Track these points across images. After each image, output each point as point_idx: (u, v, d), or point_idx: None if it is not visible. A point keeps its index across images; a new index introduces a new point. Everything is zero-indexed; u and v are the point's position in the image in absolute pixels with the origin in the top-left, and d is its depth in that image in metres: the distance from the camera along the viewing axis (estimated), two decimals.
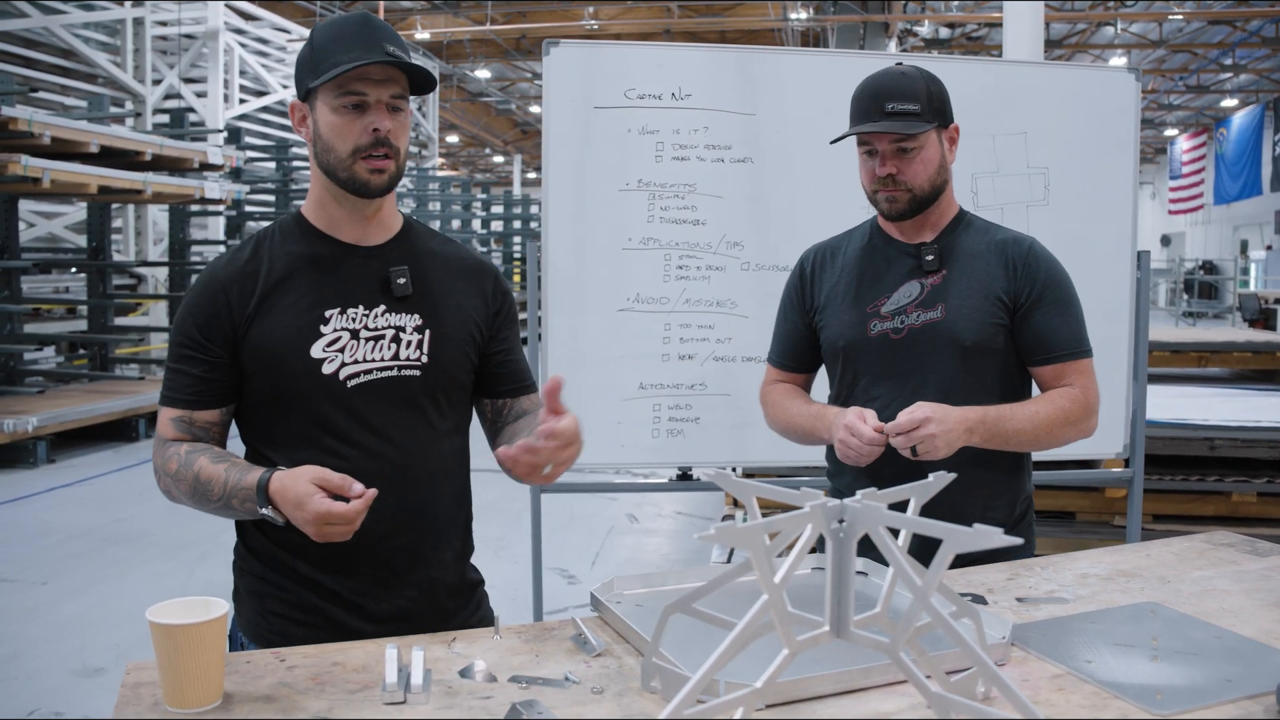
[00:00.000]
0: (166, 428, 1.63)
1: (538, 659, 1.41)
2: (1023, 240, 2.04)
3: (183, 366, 1.62)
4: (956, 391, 1.93)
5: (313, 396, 1.60)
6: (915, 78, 1.98)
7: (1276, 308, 16.93)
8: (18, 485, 6.90)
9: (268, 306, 1.62)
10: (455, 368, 1.70)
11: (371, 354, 1.63)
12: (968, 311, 1.98)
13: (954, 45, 18.31)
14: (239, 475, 1.52)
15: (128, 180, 8.04)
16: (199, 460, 1.56)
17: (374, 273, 1.67)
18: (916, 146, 1.96)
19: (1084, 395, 1.97)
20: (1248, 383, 5.45)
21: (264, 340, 1.60)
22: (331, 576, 1.63)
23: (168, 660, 1.22)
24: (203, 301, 1.63)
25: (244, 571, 1.71)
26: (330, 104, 1.59)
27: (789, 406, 2.16)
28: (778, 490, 1.12)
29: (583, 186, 3.06)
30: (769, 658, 1.10)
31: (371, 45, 1.56)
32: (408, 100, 1.65)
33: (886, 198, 1.99)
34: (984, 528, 0.95)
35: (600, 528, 5.98)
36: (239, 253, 1.68)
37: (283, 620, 1.64)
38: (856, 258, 2.12)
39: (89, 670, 3.87)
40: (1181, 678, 1.34)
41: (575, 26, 16.86)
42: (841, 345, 2.08)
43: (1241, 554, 1.93)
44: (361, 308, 1.64)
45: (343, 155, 1.59)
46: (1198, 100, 24.58)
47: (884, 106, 1.95)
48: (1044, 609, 1.63)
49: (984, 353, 1.98)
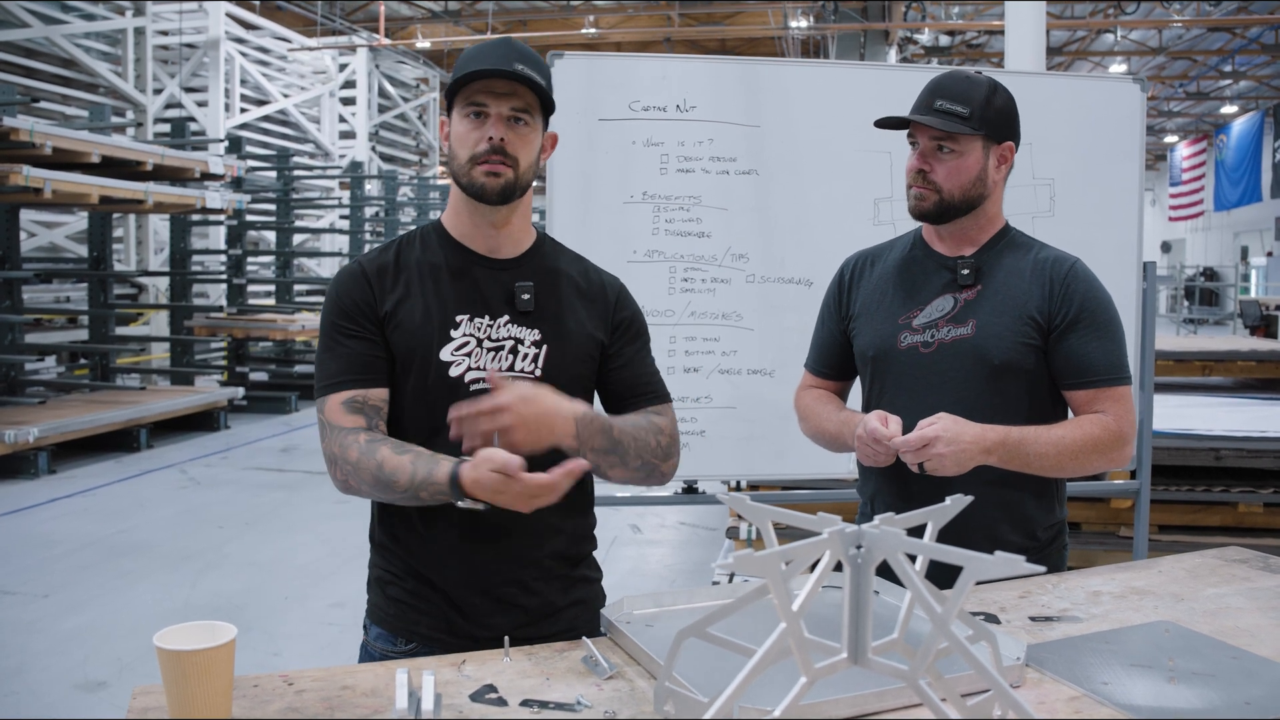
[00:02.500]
0: (338, 414, 1.64)
1: (548, 681, 1.39)
2: (1065, 260, 1.99)
3: (344, 347, 1.67)
4: (981, 410, 1.88)
5: (438, 396, 1.65)
6: (979, 84, 1.95)
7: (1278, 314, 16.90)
8: (19, 496, 6.88)
9: (406, 306, 1.68)
10: (568, 383, 1.72)
11: (490, 363, 1.69)
12: (998, 330, 1.94)
13: (954, 53, 18.34)
14: (426, 469, 1.54)
15: (129, 190, 8.04)
16: (381, 450, 1.58)
17: (502, 285, 1.73)
18: (955, 150, 1.93)
19: (1116, 424, 1.90)
20: (1252, 392, 5.43)
21: (399, 336, 1.67)
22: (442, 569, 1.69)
23: (175, 686, 1.21)
24: (351, 286, 1.70)
25: (374, 562, 1.79)
26: (459, 114, 1.67)
27: (820, 412, 2.15)
28: (794, 515, 1.10)
29: (587, 199, 3.05)
30: (783, 680, 1.08)
31: (500, 60, 1.63)
32: (535, 117, 1.69)
33: (916, 193, 1.97)
34: (1006, 555, 0.94)
35: (603, 538, 5.89)
36: (382, 252, 1.75)
37: (400, 605, 1.72)
38: (895, 267, 2.09)
39: (91, 684, 3.86)
40: (1200, 700, 1.32)
41: (575, 35, 16.86)
42: (871, 355, 2.06)
43: (1254, 570, 1.92)
44: (488, 317, 1.71)
45: (462, 161, 1.67)
46: (1197, 107, 24.61)
47: (934, 102, 1.93)
48: (1058, 628, 1.62)
49: (1013, 372, 1.93)
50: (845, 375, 2.21)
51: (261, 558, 5.53)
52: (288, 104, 15.01)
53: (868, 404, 2.09)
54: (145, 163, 8.12)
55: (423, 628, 1.71)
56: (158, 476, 7.65)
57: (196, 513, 6.56)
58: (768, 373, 3.11)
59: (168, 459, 8.26)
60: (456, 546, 1.68)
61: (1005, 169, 2.01)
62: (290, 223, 12.07)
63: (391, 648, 1.72)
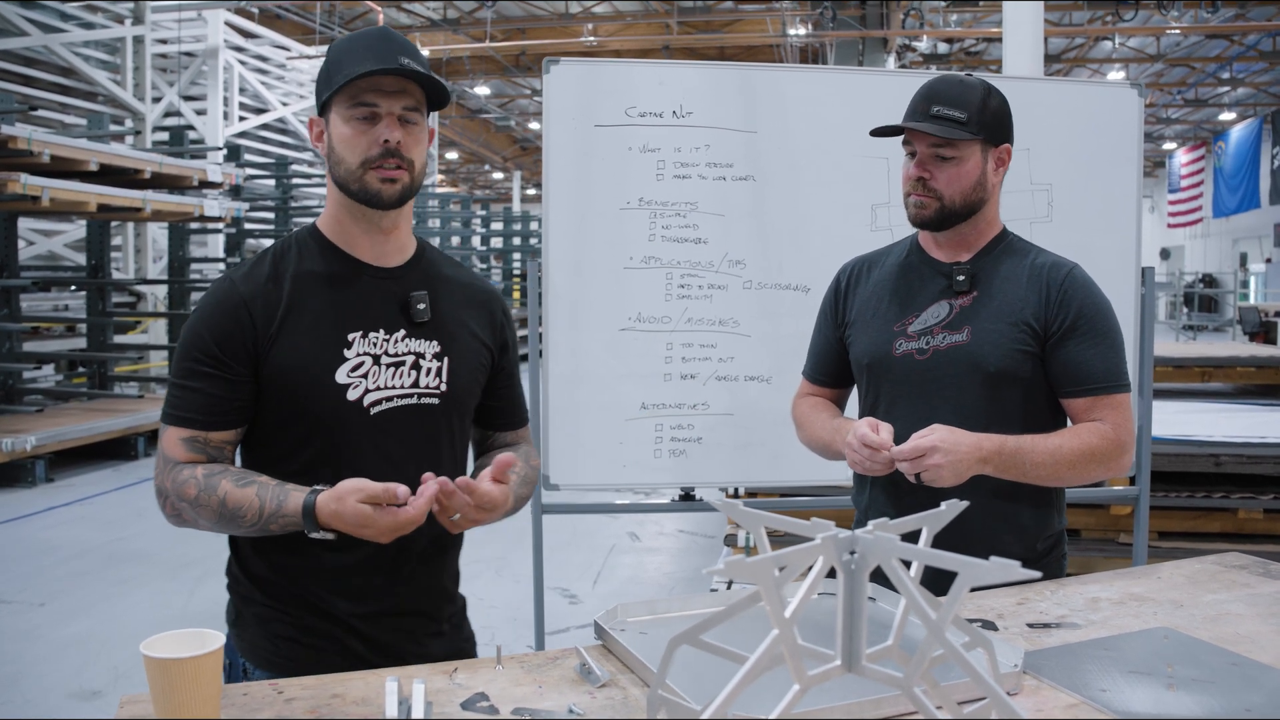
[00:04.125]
0: (176, 448, 1.54)
1: (541, 690, 1.38)
2: (1062, 265, 1.97)
3: (197, 384, 1.54)
4: (977, 418, 1.87)
5: (335, 422, 1.57)
6: (974, 87, 1.93)
7: (1277, 321, 16.90)
8: (16, 504, 6.87)
9: (290, 325, 1.56)
10: (469, 396, 1.70)
11: (392, 380, 1.60)
12: (994, 337, 1.92)
13: (953, 60, 18.35)
14: (276, 500, 1.47)
15: (127, 198, 8.03)
16: (222, 484, 1.49)
17: (393, 296, 1.63)
18: (955, 155, 1.91)
19: (1115, 432, 1.88)
20: (1251, 398, 5.42)
21: (286, 362, 1.55)
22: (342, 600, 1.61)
23: (162, 695, 1.19)
24: (220, 316, 1.56)
25: (246, 598, 1.65)
26: (342, 115, 1.56)
27: (814, 419, 2.13)
28: (788, 521, 1.09)
29: (583, 205, 3.04)
30: (776, 687, 1.07)
31: (385, 56, 1.53)
32: (423, 113, 1.61)
33: (915, 201, 1.95)
34: (1001, 560, 0.93)
35: (602, 546, 5.95)
36: (256, 267, 1.61)
37: (291, 644, 1.61)
38: (891, 273, 2.07)
39: (87, 693, 3.84)
40: (1200, 707, 1.31)
41: (574, 43, 16.89)
42: (866, 362, 2.04)
43: (1254, 576, 1.90)
44: (383, 332, 1.61)
45: (352, 166, 1.56)
46: (1196, 114, 24.63)
47: (930, 108, 1.90)
48: (1056, 635, 1.60)
49: (1008, 380, 1.92)
50: (842, 383, 2.19)
51: None
52: (286, 112, 15.01)
53: (864, 412, 2.08)
54: (144, 171, 8.12)
55: (323, 663, 1.53)
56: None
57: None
58: (765, 379, 3.10)
59: None
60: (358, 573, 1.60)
61: (1003, 171, 1.99)
62: (289, 231, 12.06)
63: None
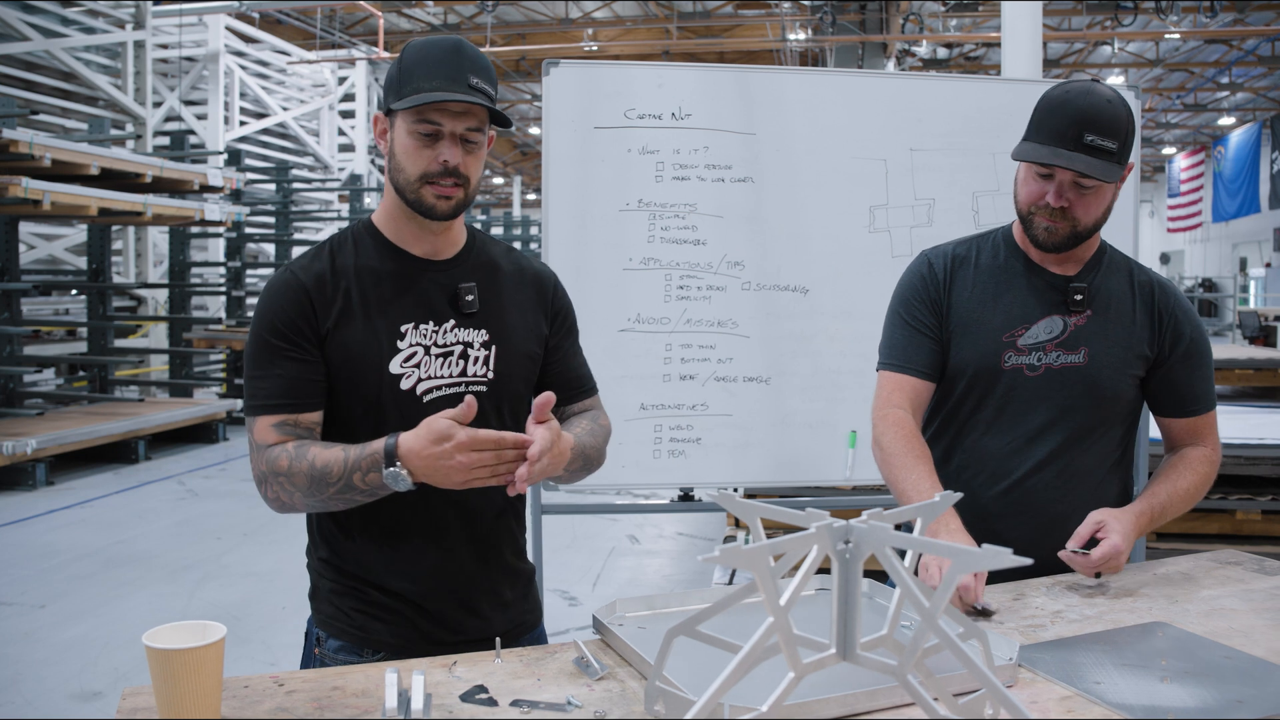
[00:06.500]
0: (268, 434, 1.59)
1: (539, 682, 1.39)
2: (1166, 287, 1.97)
3: (277, 369, 1.59)
4: (1082, 437, 1.92)
5: (389, 410, 1.62)
6: (1120, 108, 1.79)
7: (1277, 325, 16.91)
8: (17, 508, 6.87)
9: (346, 318, 1.62)
10: (519, 382, 1.73)
11: (441, 370, 1.65)
12: (1113, 361, 1.92)
13: (952, 65, 18.39)
14: (358, 450, 1.51)
15: (128, 202, 8.04)
16: (311, 449, 1.54)
17: (443, 288, 1.69)
18: (1096, 185, 1.81)
19: (1214, 454, 1.97)
20: (1249, 400, 5.43)
21: (344, 351, 1.61)
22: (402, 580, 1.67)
23: (164, 686, 1.21)
24: (286, 303, 1.61)
25: (320, 574, 1.73)
26: (407, 127, 1.59)
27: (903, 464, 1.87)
28: (782, 511, 1.10)
29: (583, 207, 3.06)
30: (775, 680, 1.08)
31: (456, 77, 1.56)
32: (484, 131, 1.63)
33: (1047, 227, 1.86)
34: (993, 548, 0.94)
35: (602, 549, 5.95)
36: (315, 260, 1.66)
37: (361, 615, 1.67)
38: (992, 275, 1.98)
39: (87, 694, 3.84)
40: (1192, 699, 1.32)
41: (575, 48, 16.93)
42: (971, 371, 1.95)
43: (1249, 572, 1.92)
44: (432, 324, 1.66)
45: (411, 178, 1.60)
46: (1195, 119, 24.66)
47: (1083, 136, 1.77)
48: (1051, 629, 1.61)
49: (1118, 402, 1.94)
50: (934, 376, 2.00)
51: (259, 569, 5.51)
52: (287, 117, 15.03)
53: (950, 415, 2.01)
54: (144, 175, 8.12)
55: (389, 636, 1.67)
56: (156, 488, 7.64)
57: (194, 524, 6.55)
58: (763, 380, 3.11)
59: (166, 470, 8.25)
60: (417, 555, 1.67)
61: (1121, 185, 1.91)
62: (289, 235, 12.07)
63: (358, 658, 1.67)
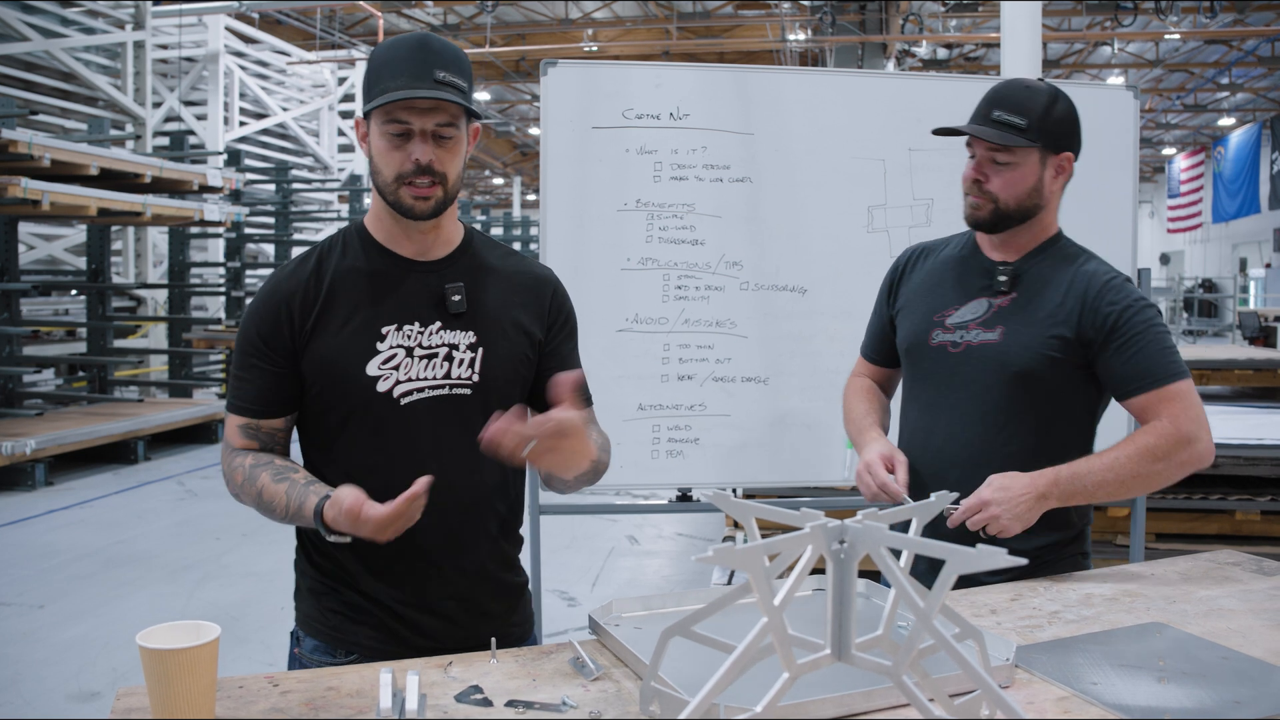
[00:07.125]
0: (234, 434, 1.67)
1: (534, 683, 1.39)
2: (1099, 276, 1.96)
3: (247, 375, 1.65)
4: (996, 417, 1.95)
5: (367, 412, 1.62)
6: (1039, 93, 1.94)
7: (1276, 325, 16.90)
8: (16, 508, 6.87)
9: (326, 321, 1.63)
10: (507, 385, 1.69)
11: (424, 372, 1.63)
12: (1024, 339, 1.95)
13: (952, 66, 18.39)
14: (299, 499, 1.55)
15: (127, 202, 8.04)
16: (261, 477, 1.60)
17: (431, 289, 1.66)
18: (1011, 160, 1.93)
19: (1171, 425, 1.84)
20: (1248, 400, 5.42)
21: (322, 355, 1.62)
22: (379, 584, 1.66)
23: (158, 686, 1.20)
24: (265, 311, 1.64)
25: (302, 572, 1.75)
26: (379, 129, 1.58)
27: (850, 404, 2.20)
28: (777, 511, 1.10)
29: (581, 207, 3.05)
30: (770, 681, 1.08)
31: (421, 73, 1.53)
32: (459, 125, 1.59)
33: (971, 202, 2.00)
34: (988, 548, 0.94)
35: (601, 549, 5.95)
36: (303, 264, 1.67)
37: (338, 617, 1.68)
38: (945, 264, 2.12)
39: (85, 694, 3.84)
40: (1189, 699, 1.32)
41: (574, 49, 16.91)
42: (905, 347, 2.11)
43: (1247, 573, 1.91)
44: (418, 325, 1.64)
45: (388, 180, 1.59)
46: (1195, 119, 24.65)
47: (992, 112, 1.93)
48: (1048, 630, 1.61)
49: (1032, 382, 1.94)
50: (893, 363, 2.22)
51: (259, 569, 5.51)
52: (287, 117, 15.03)
53: (903, 393, 2.16)
54: (144, 175, 8.12)
55: (363, 638, 1.67)
56: (155, 488, 7.64)
57: (194, 524, 6.55)
58: (762, 380, 3.11)
59: (165, 471, 8.25)
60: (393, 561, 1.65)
61: (1063, 179, 2.01)
62: (289, 236, 12.07)
63: (331, 660, 1.67)
